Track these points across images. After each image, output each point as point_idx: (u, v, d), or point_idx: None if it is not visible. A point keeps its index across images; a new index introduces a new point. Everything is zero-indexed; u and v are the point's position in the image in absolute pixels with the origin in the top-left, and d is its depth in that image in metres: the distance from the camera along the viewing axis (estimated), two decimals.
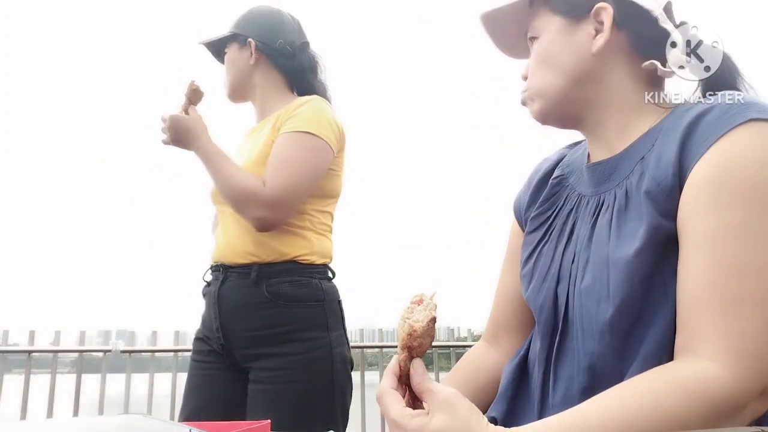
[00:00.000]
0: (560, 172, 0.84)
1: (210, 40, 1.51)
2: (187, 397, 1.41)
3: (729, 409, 0.54)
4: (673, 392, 0.53)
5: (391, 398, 0.57)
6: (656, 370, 0.57)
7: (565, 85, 0.74)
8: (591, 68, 0.72)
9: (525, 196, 0.89)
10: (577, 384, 0.68)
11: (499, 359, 0.87)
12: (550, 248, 0.78)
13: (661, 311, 0.62)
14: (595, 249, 0.69)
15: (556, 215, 0.80)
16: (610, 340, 0.64)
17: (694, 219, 0.60)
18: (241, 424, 0.69)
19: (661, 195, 0.63)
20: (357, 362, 3.43)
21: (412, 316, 0.56)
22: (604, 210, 0.71)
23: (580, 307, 0.69)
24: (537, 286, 0.77)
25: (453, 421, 0.52)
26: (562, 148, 0.90)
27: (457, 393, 0.54)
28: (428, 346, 0.57)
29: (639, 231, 0.64)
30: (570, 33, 0.74)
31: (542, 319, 0.75)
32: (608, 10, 0.71)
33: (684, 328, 0.59)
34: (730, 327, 0.55)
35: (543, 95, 0.76)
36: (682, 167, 0.63)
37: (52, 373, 3.03)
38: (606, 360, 0.65)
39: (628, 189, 0.68)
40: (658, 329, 0.62)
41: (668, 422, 0.52)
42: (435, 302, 0.57)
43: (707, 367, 0.54)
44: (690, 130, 0.63)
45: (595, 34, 0.72)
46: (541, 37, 0.76)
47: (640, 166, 0.68)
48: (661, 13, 0.71)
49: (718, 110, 0.63)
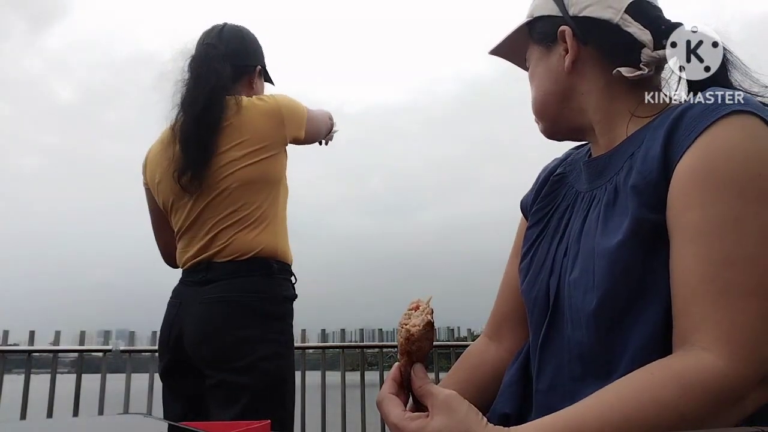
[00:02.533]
0: (562, 170, 0.88)
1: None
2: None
3: (727, 399, 0.54)
4: (670, 383, 0.54)
5: (390, 403, 0.58)
6: (652, 364, 0.57)
7: (553, 105, 0.81)
8: (570, 85, 0.79)
9: (531, 193, 0.92)
10: (567, 373, 0.69)
11: (500, 354, 0.88)
12: (546, 243, 0.81)
13: (649, 305, 0.63)
14: (584, 242, 0.71)
15: (554, 211, 0.83)
16: (596, 330, 0.66)
17: (683, 213, 0.61)
18: (241, 424, 0.69)
19: (647, 188, 0.65)
20: (357, 362, 3.44)
21: (410, 321, 0.57)
22: (595, 205, 0.74)
23: (569, 298, 0.71)
24: (532, 279, 0.79)
25: (452, 422, 0.53)
26: (570, 149, 0.93)
27: (457, 394, 0.55)
28: (428, 350, 0.58)
29: (623, 224, 0.65)
30: (546, 58, 0.81)
31: (535, 311, 0.77)
32: (567, 31, 0.77)
33: (679, 321, 0.59)
34: (724, 318, 0.56)
35: (541, 117, 0.84)
36: (668, 161, 0.64)
37: (52, 373, 3.03)
38: (594, 350, 0.66)
39: (617, 184, 0.71)
40: (646, 323, 0.62)
41: (666, 413, 0.52)
42: (431, 307, 0.58)
43: (703, 357, 0.55)
44: (674, 124, 0.65)
45: (565, 54, 0.78)
46: (530, 66, 0.85)
47: (629, 162, 0.70)
48: (622, 18, 0.74)
49: (700, 106, 0.65)
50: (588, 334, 0.67)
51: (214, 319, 1.39)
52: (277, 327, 1.44)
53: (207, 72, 1.48)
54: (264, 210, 1.47)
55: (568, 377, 0.69)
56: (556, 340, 0.72)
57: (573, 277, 0.70)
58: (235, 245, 1.43)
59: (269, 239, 1.46)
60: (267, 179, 1.48)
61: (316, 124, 1.63)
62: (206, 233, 1.46)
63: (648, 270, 0.64)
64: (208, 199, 1.46)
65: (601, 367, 0.65)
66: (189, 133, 1.46)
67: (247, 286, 1.42)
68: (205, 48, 1.54)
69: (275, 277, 1.45)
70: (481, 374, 0.87)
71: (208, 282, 1.43)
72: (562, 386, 0.70)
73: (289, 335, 1.48)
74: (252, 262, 1.43)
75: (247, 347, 1.38)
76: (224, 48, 1.54)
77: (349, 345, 3.49)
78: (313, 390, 3.09)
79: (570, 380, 0.68)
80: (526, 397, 0.78)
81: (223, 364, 1.38)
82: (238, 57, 1.57)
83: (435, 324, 0.58)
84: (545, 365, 0.73)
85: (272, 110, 1.49)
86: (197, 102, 1.45)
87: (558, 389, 0.70)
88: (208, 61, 1.51)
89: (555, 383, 0.70)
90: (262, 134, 1.47)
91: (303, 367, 3.20)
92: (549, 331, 0.74)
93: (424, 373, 0.58)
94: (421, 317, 0.57)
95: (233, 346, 1.37)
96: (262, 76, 1.67)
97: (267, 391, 1.38)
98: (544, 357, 0.73)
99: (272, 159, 1.48)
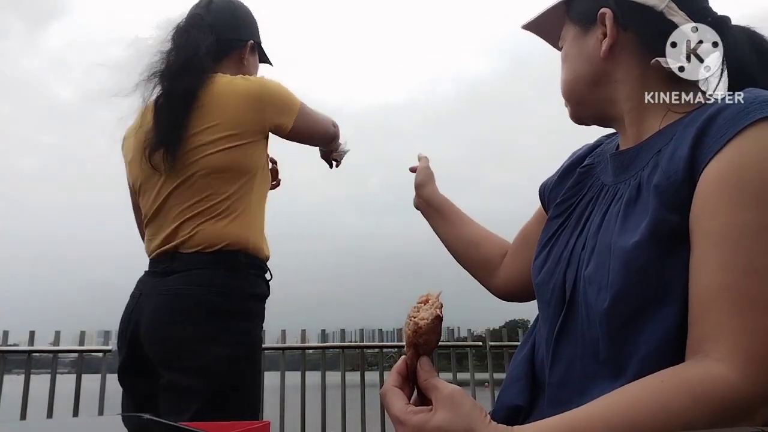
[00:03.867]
0: (591, 161, 0.86)
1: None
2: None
3: (737, 412, 0.53)
4: (679, 393, 0.53)
5: (394, 395, 0.57)
6: (663, 372, 0.56)
7: (583, 89, 0.78)
8: (603, 71, 0.76)
9: (553, 177, 0.91)
10: (580, 368, 0.68)
11: (493, 257, 1.03)
12: (566, 234, 0.80)
13: (663, 308, 0.61)
14: (602, 237, 0.70)
15: (579, 203, 0.82)
16: (608, 330, 0.64)
17: (708, 217, 0.59)
18: (241, 424, 0.69)
19: (670, 189, 0.63)
20: (357, 362, 3.43)
21: (418, 314, 0.57)
22: (617, 200, 0.72)
23: (584, 294, 0.69)
24: (551, 269, 0.78)
25: (455, 418, 0.52)
26: (601, 137, 0.91)
27: (461, 390, 0.54)
28: (435, 344, 0.58)
29: (642, 224, 0.64)
30: (582, 40, 0.78)
31: (552, 301, 0.75)
32: (608, 14, 0.73)
33: (694, 327, 0.58)
34: (741, 328, 0.54)
35: (570, 99, 0.82)
36: (695, 163, 0.62)
37: (52, 373, 3.02)
38: (606, 349, 0.65)
39: (641, 181, 0.69)
40: (659, 326, 0.61)
41: (674, 423, 0.51)
42: (441, 301, 0.58)
43: (715, 368, 0.54)
44: (705, 126, 0.63)
45: (603, 38, 0.74)
46: (563, 46, 0.82)
47: (656, 158, 0.69)
48: (667, 6, 0.71)
49: (734, 108, 0.62)
50: (601, 331, 0.65)
51: (168, 312, 1.28)
52: (238, 326, 1.30)
53: (186, 42, 1.38)
54: (233, 202, 1.34)
55: (579, 373, 0.67)
56: (572, 334, 0.71)
57: (588, 272, 0.69)
58: (200, 236, 1.32)
59: (238, 232, 1.34)
60: (239, 169, 1.35)
61: (311, 121, 1.47)
62: (171, 221, 1.35)
63: (664, 272, 0.62)
64: (174, 184, 1.35)
65: (612, 366, 0.64)
66: (162, 108, 1.36)
67: (207, 279, 1.30)
68: (190, 18, 1.44)
69: (242, 272, 1.33)
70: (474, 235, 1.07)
71: (171, 273, 1.32)
72: (573, 382, 0.68)
73: (253, 337, 1.35)
74: (218, 255, 1.31)
75: (200, 346, 1.26)
76: (211, 19, 1.43)
77: (349, 345, 3.48)
78: (313, 390, 3.09)
79: (581, 377, 0.67)
80: (535, 388, 0.77)
81: (173, 363, 1.27)
82: (227, 30, 1.45)
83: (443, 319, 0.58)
84: (559, 358, 0.71)
85: (253, 92, 1.36)
86: (173, 74, 1.35)
87: (569, 384, 0.69)
88: (189, 29, 1.41)
89: (567, 378, 0.69)
90: (237, 118, 1.33)
91: (303, 367, 3.19)
92: (565, 323, 0.72)
93: (430, 366, 0.58)
94: (430, 311, 0.57)
95: (185, 344, 1.26)
96: (256, 54, 1.55)
97: (218, 398, 1.24)
98: (558, 350, 0.71)
99: (246, 147, 1.35)
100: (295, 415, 3.03)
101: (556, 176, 0.90)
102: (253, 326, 1.35)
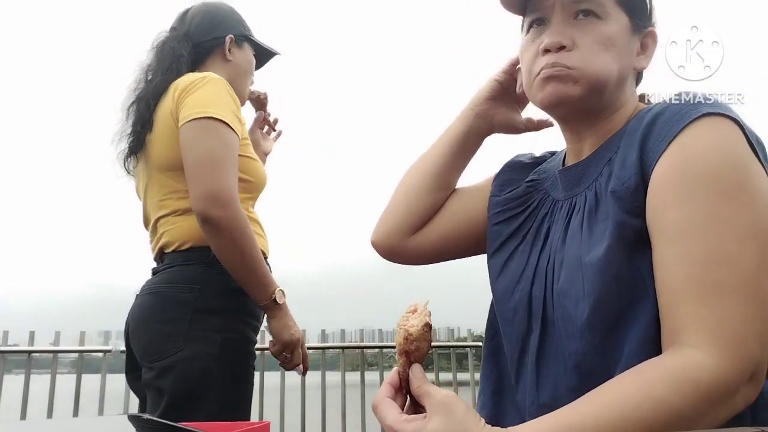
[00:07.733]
0: (536, 176, 0.86)
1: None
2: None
3: (719, 395, 0.54)
4: (662, 380, 0.54)
5: (386, 406, 0.58)
6: (644, 363, 0.58)
7: (611, 81, 0.72)
8: (626, 78, 0.75)
9: (497, 181, 0.90)
10: (566, 383, 0.68)
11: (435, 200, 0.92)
12: (525, 251, 0.79)
13: (642, 308, 0.63)
14: (569, 251, 0.70)
15: (529, 218, 0.81)
16: (590, 339, 0.65)
17: (662, 214, 0.62)
18: (241, 424, 0.70)
19: (626, 194, 0.65)
20: (357, 363, 3.44)
21: (408, 323, 0.59)
22: (576, 212, 0.73)
23: (559, 308, 0.70)
24: (510, 288, 0.77)
25: (450, 423, 0.53)
26: (545, 152, 0.92)
27: (455, 395, 0.55)
28: (426, 351, 0.59)
29: (607, 230, 0.65)
30: (630, 37, 0.74)
31: (516, 320, 0.75)
32: (655, 37, 0.76)
33: (667, 321, 0.60)
34: (710, 316, 0.57)
35: (592, 80, 0.71)
36: (644, 166, 0.65)
37: (52, 373, 3.02)
38: (590, 359, 0.66)
39: (597, 190, 0.71)
40: (640, 326, 0.63)
41: (660, 410, 0.53)
42: (429, 310, 0.60)
43: (693, 354, 0.56)
44: (648, 130, 0.66)
45: (642, 52, 0.76)
46: (606, 22, 0.72)
47: (608, 167, 0.70)
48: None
49: (673, 109, 0.66)
50: (582, 343, 0.66)
51: (142, 312, 1.30)
52: (212, 323, 1.25)
53: (163, 56, 1.40)
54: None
55: (566, 388, 0.68)
56: (552, 353, 0.71)
57: (560, 286, 0.69)
58: (171, 235, 1.32)
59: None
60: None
61: (214, 147, 1.24)
62: (153, 223, 1.38)
63: (636, 274, 0.64)
64: (145, 186, 1.40)
65: (598, 375, 0.64)
66: (138, 116, 1.38)
67: (178, 276, 1.28)
68: (167, 34, 1.47)
69: (218, 267, 1.27)
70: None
71: (156, 273, 1.36)
72: (563, 399, 0.67)
73: (234, 333, 1.28)
74: (192, 251, 1.30)
75: (169, 344, 1.22)
76: (186, 27, 1.46)
77: (349, 345, 3.49)
78: (313, 390, 3.09)
79: (568, 391, 0.67)
80: (503, 404, 0.79)
81: (146, 362, 1.26)
82: (203, 33, 1.46)
83: (433, 325, 0.60)
84: (545, 378, 0.71)
85: (181, 85, 1.31)
86: (156, 88, 1.36)
87: (560, 401, 0.67)
88: (165, 43, 1.43)
89: (557, 395, 0.69)
90: (174, 112, 1.30)
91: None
92: (543, 343, 0.72)
93: (422, 374, 0.58)
94: (420, 318, 0.59)
95: (157, 342, 1.24)
96: (244, 46, 1.52)
97: (184, 400, 1.19)
98: (542, 370, 0.72)
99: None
100: (295, 415, 3.03)
101: (498, 182, 0.89)
102: (231, 321, 1.29)
